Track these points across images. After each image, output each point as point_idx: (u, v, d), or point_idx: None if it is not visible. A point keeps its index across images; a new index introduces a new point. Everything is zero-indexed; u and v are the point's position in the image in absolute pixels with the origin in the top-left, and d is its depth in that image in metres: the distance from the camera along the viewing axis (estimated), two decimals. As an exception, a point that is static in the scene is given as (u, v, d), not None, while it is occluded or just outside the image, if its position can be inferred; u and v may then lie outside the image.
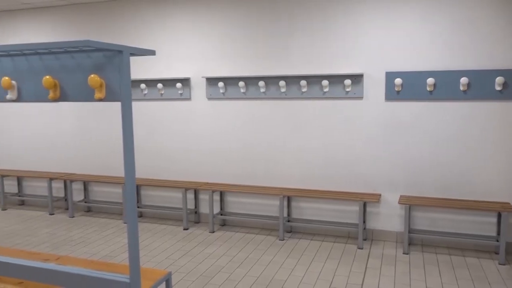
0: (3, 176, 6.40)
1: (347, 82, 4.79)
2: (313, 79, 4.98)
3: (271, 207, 5.35)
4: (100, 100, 2.34)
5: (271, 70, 5.16)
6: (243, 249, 4.68)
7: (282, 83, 5.04)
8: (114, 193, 6.14)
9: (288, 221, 5.20)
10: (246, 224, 5.47)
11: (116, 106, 5.93)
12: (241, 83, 5.20)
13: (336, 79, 4.89)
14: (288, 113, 5.16)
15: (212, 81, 5.42)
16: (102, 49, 2.26)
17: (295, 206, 5.27)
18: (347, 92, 4.88)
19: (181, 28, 5.51)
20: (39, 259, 2.92)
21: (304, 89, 5.01)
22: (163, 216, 5.88)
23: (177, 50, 5.57)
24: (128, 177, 2.35)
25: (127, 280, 2.42)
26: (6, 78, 2.50)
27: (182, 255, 4.53)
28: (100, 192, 6.24)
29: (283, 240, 4.96)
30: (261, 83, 5.12)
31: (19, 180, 6.71)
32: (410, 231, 4.67)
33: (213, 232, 5.27)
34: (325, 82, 4.86)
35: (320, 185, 5.12)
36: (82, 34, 5.98)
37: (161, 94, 5.68)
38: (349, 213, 5.04)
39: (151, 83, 5.72)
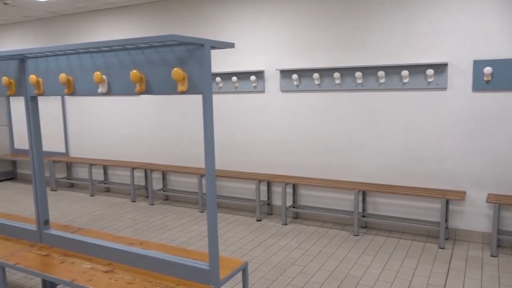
0: (91, 165, 6.92)
1: (429, 72, 4.52)
2: (392, 70, 4.76)
3: (345, 201, 5.23)
4: (183, 93, 2.42)
5: (347, 61, 5.02)
6: (316, 243, 4.63)
7: (358, 74, 4.88)
8: (190, 183, 6.38)
9: (363, 216, 5.06)
10: (319, 218, 5.40)
11: (193, 99, 6.13)
12: (316, 75, 5.11)
13: (416, 69, 4.63)
14: (365, 105, 4.99)
15: (286, 74, 5.40)
16: (185, 43, 2.33)
17: (370, 201, 5.10)
18: (429, 82, 4.60)
19: (255, 21, 5.54)
20: (125, 243, 3.11)
21: (382, 80, 4.81)
22: (236, 206, 6.00)
23: (251, 43, 5.61)
24: (208, 168, 2.41)
25: (207, 267, 2.50)
26: (98, 73, 2.66)
27: (255, 245, 4.59)
28: (177, 182, 6.52)
29: (358, 235, 4.84)
30: (336, 75, 5.00)
31: (105, 168, 7.21)
32: (499, 232, 4.32)
33: (286, 224, 5.27)
34: (404, 73, 4.63)
35: (398, 180, 4.91)
36: (159, 30, 6.24)
37: (236, 87, 5.77)
38: (429, 210, 4.78)
39: (225, 76, 5.83)
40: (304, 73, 5.26)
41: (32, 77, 2.97)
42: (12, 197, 6.97)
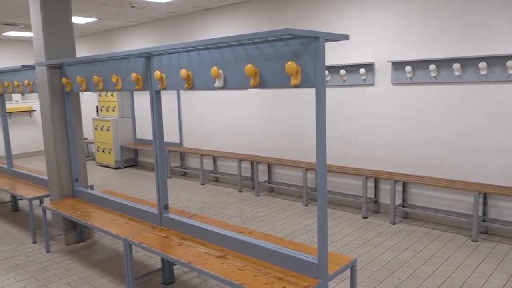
0: (202, 155, 7.35)
1: None
2: (524, 59, 4.24)
3: (462, 203, 4.82)
4: (296, 86, 2.43)
5: (468, 50, 4.59)
6: (429, 246, 4.34)
7: (482, 64, 4.43)
8: (295, 176, 6.42)
9: (484, 220, 4.61)
10: (432, 219, 5.06)
11: (301, 92, 6.15)
12: (432, 66, 4.76)
13: (556, 58, 4.06)
14: (489, 100, 4.52)
15: (398, 65, 5.12)
16: (299, 36, 2.33)
17: (492, 205, 4.63)
18: None
19: (366, 11, 5.34)
20: (235, 231, 3.24)
21: (511, 71, 4.31)
22: (340, 202, 5.90)
23: (361, 34, 5.43)
24: (319, 163, 2.39)
25: (315, 261, 2.49)
26: (215, 68, 2.80)
27: (361, 243, 4.46)
28: (282, 175, 6.61)
29: (477, 241, 4.43)
30: (456, 66, 4.60)
31: (214, 159, 7.60)
32: None
33: (394, 223, 5.04)
34: (540, 62, 4.08)
35: (527, 183, 4.38)
36: (268, 25, 6.35)
37: (344, 81, 5.65)
38: None
39: (333, 69, 5.73)
40: (419, 64, 4.94)
41: (157, 73, 3.24)
42: (135, 182, 7.72)
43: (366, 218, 5.28)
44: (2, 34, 9.34)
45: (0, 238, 4.96)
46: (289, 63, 2.37)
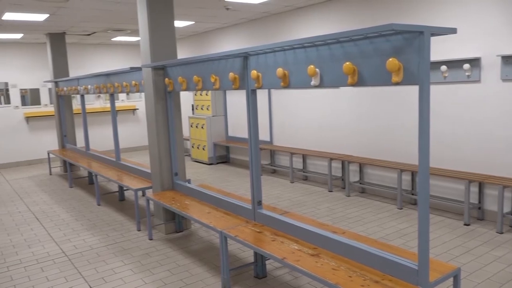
0: (292, 153, 7.39)
1: None
2: None
3: None
4: (397, 84, 2.34)
5: None
6: (543, 260, 3.91)
7: None
8: (388, 178, 6.18)
9: None
10: (547, 230, 4.55)
11: (396, 90, 5.90)
12: (551, 60, 4.27)
13: None
14: None
15: (510, 60, 4.67)
16: (402, 31, 2.24)
17: None
18: None
19: (470, 1, 4.95)
20: (328, 230, 3.22)
21: None
22: (439, 206, 5.54)
23: (465, 26, 5.04)
24: (422, 165, 2.28)
25: (415, 267, 2.38)
26: (312, 66, 2.80)
27: (463, 252, 4.16)
28: (374, 175, 6.40)
29: None
30: None
31: (304, 157, 7.60)
32: None
33: (502, 233, 4.61)
34: None
35: None
36: (360, 23, 6.17)
37: (445, 77, 5.29)
38: None
39: (433, 65, 5.39)
40: (535, 58, 4.45)
41: (253, 72, 3.33)
42: (226, 177, 8.01)
43: (468, 225, 4.90)
44: (112, 39, 10.27)
45: (109, 224, 5.48)
46: (390, 59, 2.29)
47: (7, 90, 10.20)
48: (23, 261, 4.41)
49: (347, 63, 2.54)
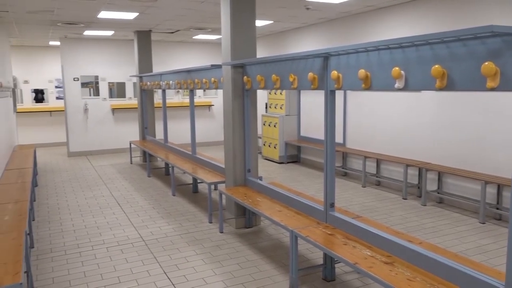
0: (366, 157, 7.20)
1: None
2: None
3: None
4: (492, 89, 2.20)
5: None
6: None
7: None
8: (470, 189, 5.79)
9: None
10: None
11: (481, 95, 5.51)
12: None
13: None
14: None
15: None
16: (502, 33, 2.10)
17: None
18: None
19: None
20: (403, 238, 3.10)
21: None
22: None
23: None
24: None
25: (501, 287, 2.22)
26: (397, 68, 2.71)
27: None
28: (454, 185, 6.03)
29: None
30: None
31: (378, 162, 7.37)
32: None
33: None
34: None
35: None
36: (446, 24, 5.83)
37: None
38: None
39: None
40: None
41: (334, 73, 3.29)
42: (296, 177, 8.01)
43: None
44: (193, 37, 10.70)
45: (183, 215, 5.73)
46: (486, 63, 2.15)
47: (96, 83, 11.05)
48: (106, 241, 4.77)
49: (436, 66, 2.43)
